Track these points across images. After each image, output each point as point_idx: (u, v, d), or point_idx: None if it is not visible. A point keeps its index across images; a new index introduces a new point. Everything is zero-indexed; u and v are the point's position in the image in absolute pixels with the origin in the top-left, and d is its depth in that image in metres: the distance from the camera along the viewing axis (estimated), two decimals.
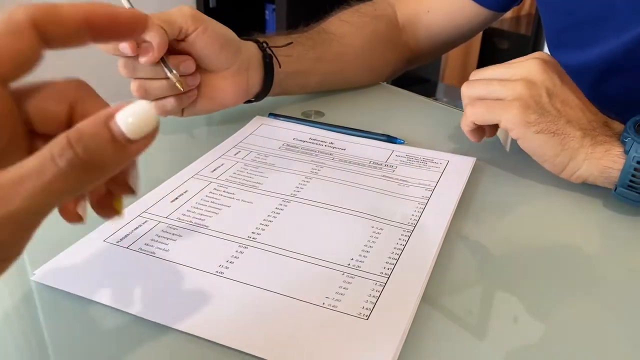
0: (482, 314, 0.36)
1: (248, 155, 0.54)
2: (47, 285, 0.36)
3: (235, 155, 0.54)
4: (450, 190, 0.49)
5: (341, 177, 0.51)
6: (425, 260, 0.40)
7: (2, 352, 0.33)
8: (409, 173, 0.52)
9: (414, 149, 0.56)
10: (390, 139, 0.58)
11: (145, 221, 0.43)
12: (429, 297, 0.37)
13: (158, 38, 0.48)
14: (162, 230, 0.42)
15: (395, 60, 0.75)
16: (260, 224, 0.43)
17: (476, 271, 0.40)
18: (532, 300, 0.38)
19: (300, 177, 0.50)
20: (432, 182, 0.50)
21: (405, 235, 0.42)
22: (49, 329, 0.34)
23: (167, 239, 0.41)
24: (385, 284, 0.37)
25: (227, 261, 0.39)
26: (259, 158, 0.53)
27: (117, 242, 0.40)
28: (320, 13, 0.71)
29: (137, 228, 0.42)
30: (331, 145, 0.57)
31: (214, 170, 0.51)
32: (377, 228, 0.43)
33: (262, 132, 0.59)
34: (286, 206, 0.46)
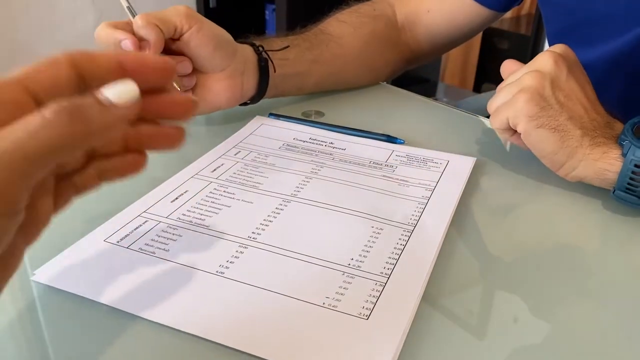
0: (482, 314, 0.36)
1: (248, 155, 0.54)
2: (47, 285, 0.36)
3: (236, 155, 0.54)
4: (450, 190, 0.49)
5: (341, 177, 0.51)
6: (425, 260, 0.40)
7: (2, 352, 0.33)
8: (409, 173, 0.52)
9: (414, 149, 0.56)
10: (390, 139, 0.58)
11: (146, 221, 0.43)
12: (429, 297, 0.37)
13: (154, 36, 0.48)
14: (163, 230, 0.42)
15: (394, 60, 0.75)
16: (261, 224, 0.43)
17: (476, 271, 0.40)
18: (532, 300, 0.38)
19: (301, 177, 0.50)
20: (432, 182, 0.50)
21: (406, 235, 0.42)
22: (49, 329, 0.34)
23: (168, 238, 0.41)
24: (386, 283, 0.37)
25: (227, 261, 0.39)
26: (259, 158, 0.53)
27: (117, 242, 0.40)
28: (320, 13, 0.71)
29: (137, 228, 0.42)
30: (331, 145, 0.57)
31: (214, 170, 0.51)
32: (377, 228, 0.43)
33: (262, 132, 0.59)
34: (286, 206, 0.46)
